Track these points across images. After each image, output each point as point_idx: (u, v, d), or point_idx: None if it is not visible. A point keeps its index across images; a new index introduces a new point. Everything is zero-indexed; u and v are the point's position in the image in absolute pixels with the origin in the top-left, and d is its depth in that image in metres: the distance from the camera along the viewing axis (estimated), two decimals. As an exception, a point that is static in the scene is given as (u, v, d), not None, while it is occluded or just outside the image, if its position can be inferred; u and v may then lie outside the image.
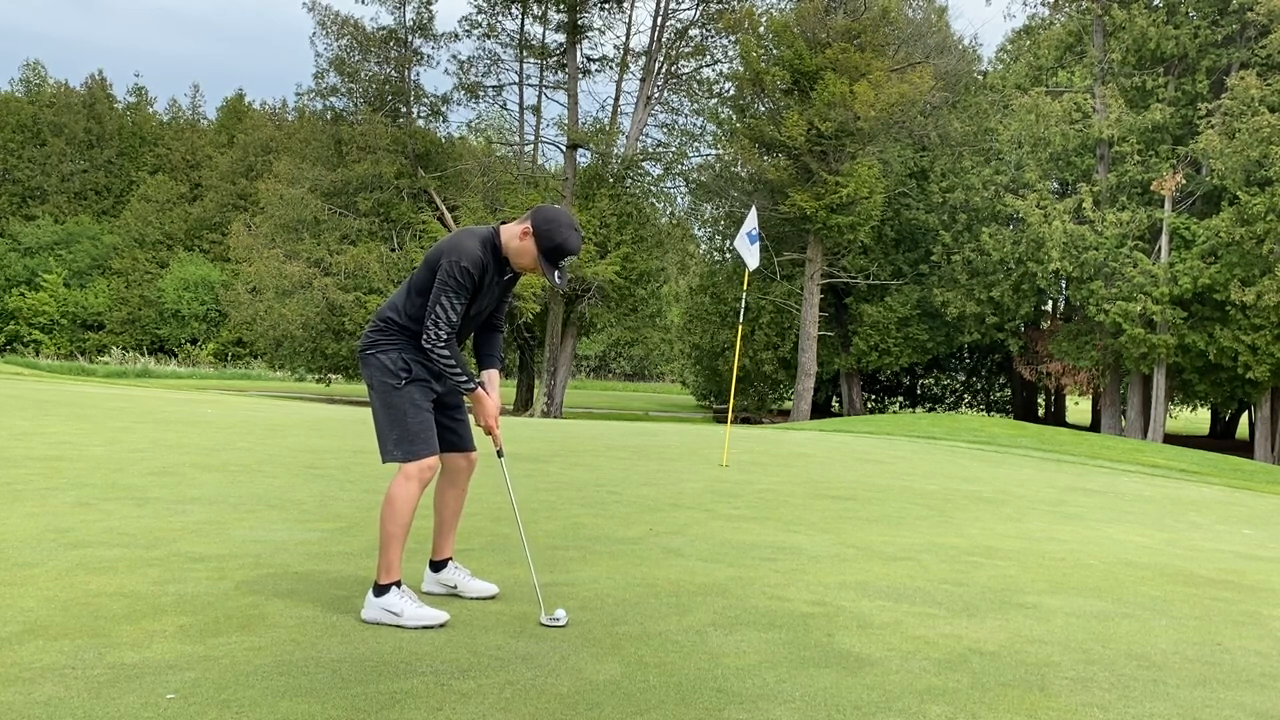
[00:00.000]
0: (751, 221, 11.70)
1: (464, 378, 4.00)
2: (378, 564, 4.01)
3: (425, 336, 3.89)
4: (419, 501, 4.04)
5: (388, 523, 3.96)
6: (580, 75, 39.36)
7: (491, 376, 4.21)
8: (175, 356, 62.25)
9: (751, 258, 11.65)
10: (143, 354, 60.77)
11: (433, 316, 3.87)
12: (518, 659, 3.55)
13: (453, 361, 3.93)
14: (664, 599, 4.50)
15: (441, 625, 3.92)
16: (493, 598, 4.37)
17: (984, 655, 3.89)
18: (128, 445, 9.56)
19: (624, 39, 45.23)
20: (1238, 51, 31.16)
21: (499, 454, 4.29)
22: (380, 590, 3.95)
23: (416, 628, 3.87)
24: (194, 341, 63.65)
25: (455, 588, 4.39)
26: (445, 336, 3.89)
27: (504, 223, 4.08)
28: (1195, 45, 31.33)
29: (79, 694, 3.01)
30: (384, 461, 4.04)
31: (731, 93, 38.38)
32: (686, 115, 40.52)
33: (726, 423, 15.22)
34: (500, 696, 3.16)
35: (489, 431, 4.20)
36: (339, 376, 40.58)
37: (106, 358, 58.40)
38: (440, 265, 3.88)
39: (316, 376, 41.21)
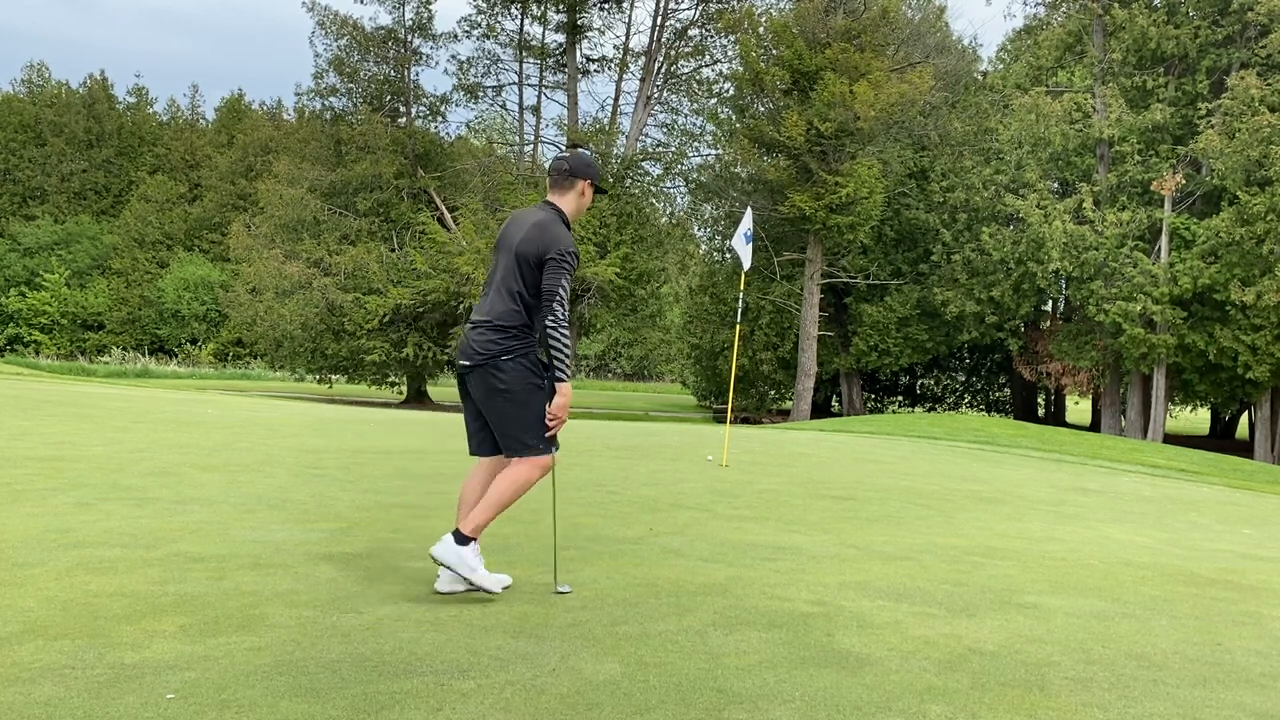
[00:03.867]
0: (747, 222, 11.77)
1: (568, 366, 4.17)
2: (471, 518, 4.19)
3: (553, 314, 4.05)
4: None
5: (505, 493, 4.19)
6: (580, 75, 39.35)
7: None
8: (175, 356, 62.17)
9: (746, 258, 11.73)
10: (143, 354, 60.70)
11: (558, 296, 4.07)
12: (518, 659, 3.55)
13: (568, 346, 4.12)
14: (664, 599, 4.50)
15: (504, 589, 4.32)
16: (504, 590, 4.43)
17: (984, 655, 3.89)
18: (128, 445, 9.56)
19: (624, 39, 45.28)
20: (1238, 51, 31.14)
21: (555, 447, 4.38)
22: (463, 540, 4.17)
23: (483, 588, 4.21)
24: (194, 341, 63.57)
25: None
26: (565, 316, 4.09)
27: (549, 202, 4.33)
28: (1195, 45, 31.31)
29: (79, 694, 3.01)
30: (520, 455, 4.22)
31: (731, 93, 38.34)
32: (686, 115, 40.54)
33: (726, 422, 15.23)
34: (500, 696, 3.16)
35: (560, 423, 4.28)
36: (339, 377, 40.52)
37: (106, 358, 58.35)
38: (550, 258, 4.08)
39: (317, 377, 41.17)
